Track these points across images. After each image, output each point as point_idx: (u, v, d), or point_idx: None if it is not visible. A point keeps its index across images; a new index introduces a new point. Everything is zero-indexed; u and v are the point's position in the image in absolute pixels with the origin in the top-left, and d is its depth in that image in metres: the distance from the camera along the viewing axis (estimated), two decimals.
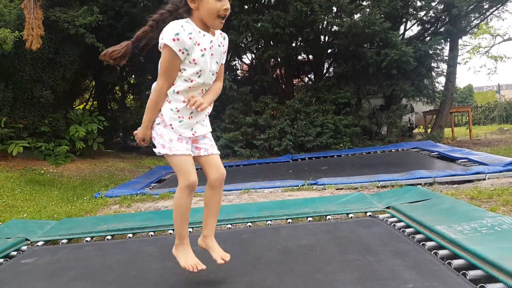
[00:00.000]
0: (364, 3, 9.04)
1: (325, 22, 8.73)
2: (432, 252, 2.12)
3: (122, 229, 3.17)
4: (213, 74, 1.87)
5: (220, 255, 1.96)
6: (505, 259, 1.78)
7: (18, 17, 6.53)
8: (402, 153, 7.32)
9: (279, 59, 10.09)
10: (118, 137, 11.46)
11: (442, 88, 10.02)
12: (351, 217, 3.02)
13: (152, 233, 3.09)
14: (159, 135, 1.87)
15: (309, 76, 11.41)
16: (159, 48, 1.77)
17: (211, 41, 1.80)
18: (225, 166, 6.97)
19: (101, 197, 5.07)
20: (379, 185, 4.51)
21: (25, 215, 4.17)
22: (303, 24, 8.34)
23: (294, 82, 11.14)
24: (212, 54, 1.82)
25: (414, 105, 11.57)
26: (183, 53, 1.71)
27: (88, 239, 3.09)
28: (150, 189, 5.68)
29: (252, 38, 9.03)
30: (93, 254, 2.71)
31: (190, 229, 2.93)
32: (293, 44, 9.50)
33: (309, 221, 3.03)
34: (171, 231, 3.07)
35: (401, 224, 2.68)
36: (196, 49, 1.74)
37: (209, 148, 1.97)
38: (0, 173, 6.04)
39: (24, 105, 7.19)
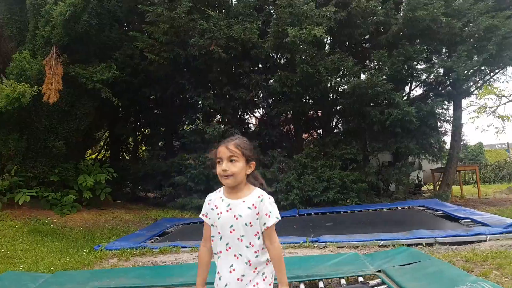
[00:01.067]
0: (369, 64, 9.40)
1: (331, 83, 9.06)
2: None
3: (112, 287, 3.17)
4: (240, 236, 1.91)
5: None
6: None
7: (39, 72, 6.96)
8: (407, 211, 7.23)
9: (289, 115, 10.36)
10: (127, 187, 11.59)
11: (448, 147, 10.06)
12: (343, 284, 2.97)
13: None
14: None
15: (318, 131, 11.60)
16: None
17: (229, 205, 1.94)
18: None
19: (101, 250, 5.08)
20: (381, 244, 4.46)
21: (21, 266, 4.20)
22: (310, 84, 8.67)
23: (304, 136, 11.33)
24: (235, 216, 1.91)
25: (422, 163, 11.53)
26: (205, 216, 1.99)
27: None
28: (152, 242, 5.67)
29: (262, 95, 9.40)
30: None
31: None
32: (303, 101, 9.80)
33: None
34: None
35: None
36: (213, 212, 1.95)
37: None
38: (4, 222, 6.14)
39: (36, 154, 7.44)
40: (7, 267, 4.17)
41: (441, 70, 9.29)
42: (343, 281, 2.99)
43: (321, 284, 3.01)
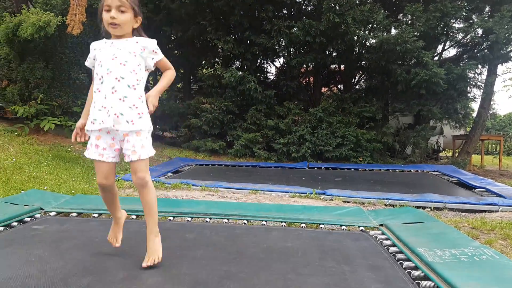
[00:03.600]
0: (401, 19, 8.98)
1: (358, 35, 8.74)
2: (406, 271, 2.19)
3: (127, 211, 3.38)
4: (120, 63, 2.08)
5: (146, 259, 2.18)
6: (468, 287, 1.84)
7: (63, 2, 6.96)
8: (420, 174, 7.24)
9: (310, 67, 10.17)
10: None
11: (475, 114, 9.79)
12: (343, 229, 3.10)
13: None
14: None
15: (338, 86, 11.41)
16: None
17: (112, 43, 2.12)
18: (241, 165, 7.15)
19: (118, 180, 5.34)
20: (387, 203, 4.53)
21: (45, 187, 4.49)
22: (335, 35, 8.39)
23: (323, 90, 11.18)
24: (117, 48, 2.09)
25: (444, 128, 11.32)
26: (90, 62, 2.20)
27: (96, 215, 3.33)
28: (166, 178, 5.92)
29: (283, 44, 9.18)
30: (97, 228, 2.93)
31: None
32: (325, 53, 9.55)
33: (302, 227, 3.14)
34: (171, 218, 3.27)
35: (388, 242, 2.74)
36: (98, 53, 2.13)
37: (130, 154, 2.09)
38: (31, 146, 6.47)
39: (60, 84, 7.64)
40: (33, 185, 4.47)
41: (480, 31, 8.72)
42: (343, 227, 3.12)
43: (322, 226, 3.16)
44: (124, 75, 2.05)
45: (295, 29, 8.60)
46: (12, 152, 5.91)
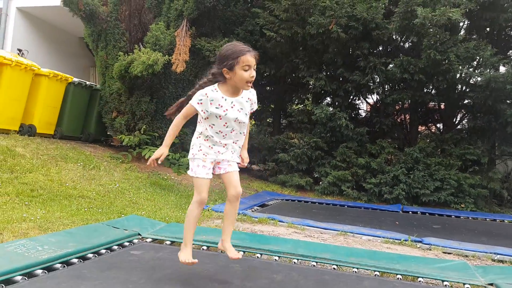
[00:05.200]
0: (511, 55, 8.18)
1: (462, 73, 8.13)
2: None
3: (217, 243, 3.43)
4: (239, 123, 2.43)
5: (233, 254, 2.49)
6: None
7: (170, 42, 7.67)
8: None
9: (406, 104, 9.69)
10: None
11: None
12: (446, 285, 2.75)
13: (241, 253, 3.27)
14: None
15: (437, 125, 10.63)
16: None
17: (232, 102, 2.38)
18: (328, 204, 6.93)
19: (208, 210, 5.52)
20: (496, 258, 3.97)
21: (143, 212, 4.81)
22: (435, 73, 7.92)
23: (419, 129, 10.50)
24: (238, 110, 2.40)
25: None
26: (204, 112, 2.37)
27: None
28: (252, 211, 5.95)
29: (379, 80, 8.91)
30: None
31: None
32: (424, 90, 9.04)
33: (398, 278, 2.85)
34: (258, 255, 3.22)
35: None
36: (219, 110, 2.35)
37: (227, 166, 2.49)
38: (132, 172, 7.06)
39: (162, 117, 8.31)
40: (132, 210, 4.82)
41: None
42: (446, 283, 2.77)
43: (420, 279, 2.84)
44: (243, 130, 2.51)
45: (391, 65, 8.32)
46: (116, 177, 6.49)
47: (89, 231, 3.42)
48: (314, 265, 3.07)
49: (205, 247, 3.39)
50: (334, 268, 3.01)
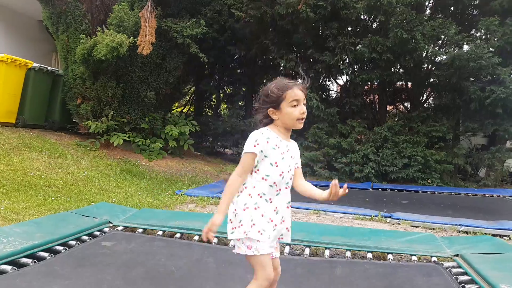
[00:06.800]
0: (474, 34, 8.41)
1: (428, 51, 8.31)
2: None
3: (190, 229, 3.40)
4: (291, 176, 2.00)
5: None
6: None
7: (135, 24, 7.39)
8: (496, 199, 6.60)
9: (374, 84, 9.84)
10: (208, 142, 12.15)
11: None
12: (414, 260, 2.84)
13: (215, 240, 3.20)
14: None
15: (405, 104, 10.88)
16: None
17: (287, 146, 1.99)
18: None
19: (181, 195, 5.47)
20: (460, 229, 4.16)
21: (114, 199, 4.69)
22: (403, 52, 8.05)
23: (388, 109, 10.73)
24: (291, 157, 1.99)
25: None
26: (260, 156, 1.91)
27: (160, 233, 3.37)
28: None
29: (348, 61, 8.98)
30: (161, 251, 2.93)
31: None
32: (392, 70, 9.19)
33: (369, 258, 2.91)
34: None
35: (465, 277, 2.46)
36: (276, 152, 1.93)
37: (274, 251, 2.00)
38: (101, 160, 6.87)
39: (129, 102, 8.08)
40: (102, 198, 4.70)
41: None
42: (414, 258, 2.86)
43: (389, 256, 2.92)
44: (289, 198, 2.01)
45: (360, 46, 8.39)
46: (84, 165, 6.30)
47: (57, 220, 3.30)
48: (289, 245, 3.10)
49: (178, 235, 3.34)
50: (305, 249, 3.04)
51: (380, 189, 7.34)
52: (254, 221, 1.88)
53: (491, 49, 7.35)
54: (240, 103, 12.01)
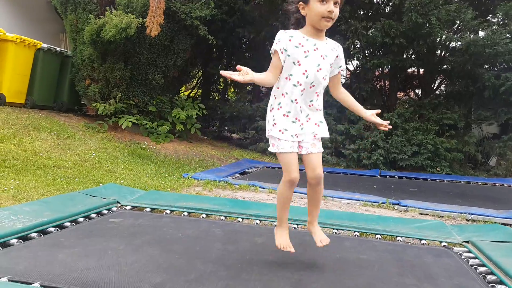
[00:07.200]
0: (491, 19, 8.19)
1: (442, 37, 8.11)
2: None
3: (198, 209, 3.41)
4: (321, 75, 2.02)
5: (320, 238, 2.18)
6: None
7: (144, 4, 7.29)
8: (506, 189, 6.51)
9: (386, 70, 9.68)
10: (215, 126, 12.13)
11: None
12: (423, 243, 2.82)
13: (222, 218, 3.27)
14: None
15: (416, 91, 10.72)
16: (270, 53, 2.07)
17: (315, 44, 1.99)
18: None
19: (188, 178, 5.47)
20: (470, 218, 4.10)
21: (122, 181, 4.70)
22: (416, 36, 7.87)
23: (398, 95, 10.58)
24: (322, 56, 2.01)
25: None
26: (282, 52, 1.98)
27: (168, 211, 3.38)
28: (233, 178, 5.93)
29: (359, 45, 8.82)
30: (168, 225, 2.96)
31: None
32: (404, 56, 9.01)
33: (377, 238, 2.90)
34: (240, 219, 3.21)
35: (476, 261, 2.43)
36: (298, 50, 1.96)
37: (310, 146, 2.07)
38: (109, 142, 6.88)
39: (138, 84, 8.04)
40: (110, 179, 4.71)
41: None
42: (424, 242, 2.84)
43: (399, 238, 2.90)
44: (321, 91, 2.08)
45: (372, 29, 8.22)
46: (92, 147, 6.32)
47: (65, 199, 3.32)
48: (295, 228, 3.08)
49: (186, 213, 3.35)
50: None
51: (388, 176, 7.27)
52: (276, 121, 2.05)
53: (508, 35, 7.15)
54: (247, 87, 11.92)
